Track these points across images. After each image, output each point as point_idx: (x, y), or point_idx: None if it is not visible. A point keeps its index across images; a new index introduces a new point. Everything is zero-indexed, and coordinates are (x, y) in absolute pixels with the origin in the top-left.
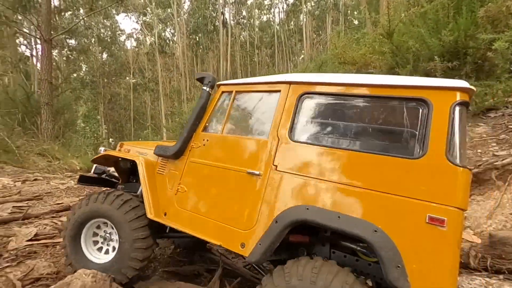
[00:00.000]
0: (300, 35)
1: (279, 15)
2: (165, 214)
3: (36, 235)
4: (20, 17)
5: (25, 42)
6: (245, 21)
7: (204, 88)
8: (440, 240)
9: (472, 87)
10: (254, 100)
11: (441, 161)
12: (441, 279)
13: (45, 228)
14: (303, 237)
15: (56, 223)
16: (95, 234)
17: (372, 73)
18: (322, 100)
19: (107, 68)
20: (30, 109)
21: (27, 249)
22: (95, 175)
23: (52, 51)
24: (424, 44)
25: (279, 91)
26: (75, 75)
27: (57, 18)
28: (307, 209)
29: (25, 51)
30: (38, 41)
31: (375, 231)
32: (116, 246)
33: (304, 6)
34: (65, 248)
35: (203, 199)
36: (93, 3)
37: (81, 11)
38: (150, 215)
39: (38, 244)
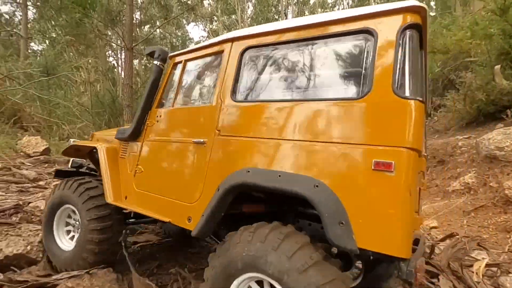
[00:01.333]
0: None
1: None
2: (126, 198)
3: None
4: (109, 33)
5: (113, 54)
6: None
7: (155, 62)
8: (388, 188)
9: (423, 5)
10: (203, 66)
11: (387, 97)
12: (391, 233)
13: None
14: (257, 206)
15: None
16: (68, 222)
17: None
18: (265, 52)
19: None
20: (115, 110)
21: None
22: (73, 169)
23: (133, 59)
24: None
25: (223, 51)
26: None
27: (138, 31)
28: (248, 171)
29: (112, 61)
30: (123, 52)
31: (316, 186)
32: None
33: (372, 0)
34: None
35: (157, 177)
36: (167, 14)
37: (157, 23)
38: (110, 199)
39: None
